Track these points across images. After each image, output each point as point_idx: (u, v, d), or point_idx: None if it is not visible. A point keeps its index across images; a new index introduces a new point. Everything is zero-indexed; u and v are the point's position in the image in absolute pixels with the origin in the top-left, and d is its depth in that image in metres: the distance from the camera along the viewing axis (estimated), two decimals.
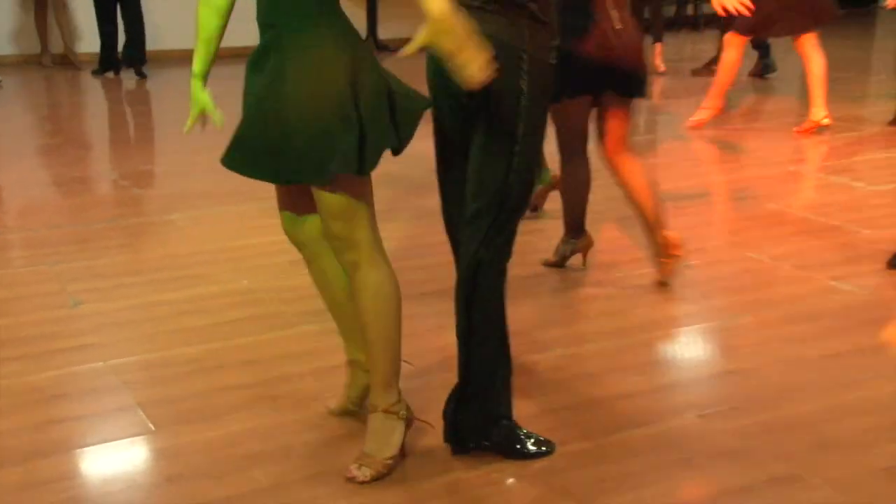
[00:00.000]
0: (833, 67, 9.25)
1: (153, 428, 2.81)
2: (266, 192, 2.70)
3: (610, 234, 4.45)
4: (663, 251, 3.84)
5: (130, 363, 3.24)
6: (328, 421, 2.82)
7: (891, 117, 6.50)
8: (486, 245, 2.48)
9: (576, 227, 3.98)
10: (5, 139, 6.81)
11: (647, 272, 3.99)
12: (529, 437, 2.63)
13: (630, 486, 2.50)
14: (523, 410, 2.72)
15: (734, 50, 6.45)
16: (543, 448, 2.63)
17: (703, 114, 6.61)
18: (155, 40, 9.55)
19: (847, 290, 3.78)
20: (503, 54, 2.35)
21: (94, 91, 8.93)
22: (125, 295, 3.82)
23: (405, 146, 2.44)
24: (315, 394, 2.98)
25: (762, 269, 4.03)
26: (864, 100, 7.74)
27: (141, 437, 2.77)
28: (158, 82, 9.04)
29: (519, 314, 2.97)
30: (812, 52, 6.47)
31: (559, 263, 4.02)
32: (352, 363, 2.76)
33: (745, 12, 5.69)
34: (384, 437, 2.53)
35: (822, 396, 2.96)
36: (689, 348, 3.42)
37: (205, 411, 2.89)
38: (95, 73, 9.12)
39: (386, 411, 2.52)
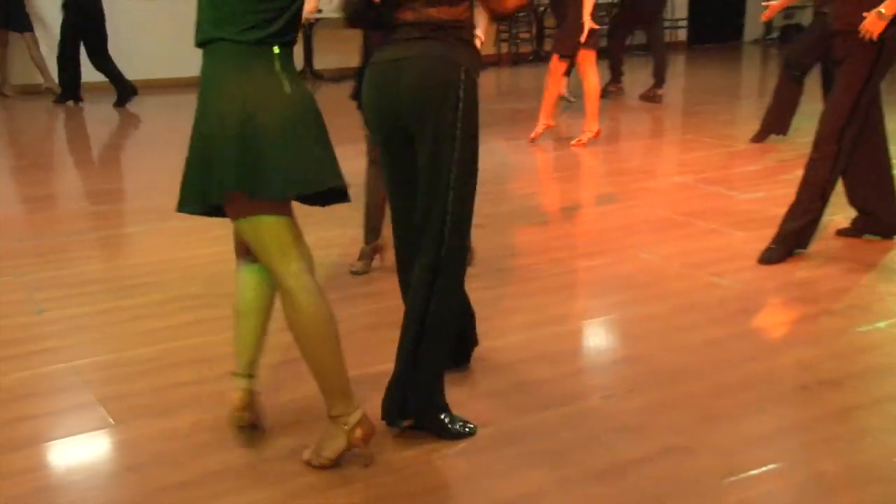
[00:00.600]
0: (707, 93, 9.50)
1: (113, 422, 2.73)
2: None
3: (525, 238, 4.46)
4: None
5: (91, 364, 3.14)
6: (272, 412, 2.75)
7: (752, 135, 6.66)
8: (442, 247, 2.50)
9: (372, 231, 3.93)
10: None
11: (557, 272, 4.01)
12: (455, 421, 2.62)
13: (546, 461, 2.49)
14: (452, 397, 2.69)
15: (593, 75, 6.60)
16: (467, 429, 2.61)
17: (584, 136, 6.69)
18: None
19: (725, 284, 3.84)
20: (446, 68, 2.46)
21: (55, 118, 8.64)
22: (86, 302, 3.70)
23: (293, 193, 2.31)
24: (259, 389, 2.91)
25: (654, 268, 4.07)
26: (734, 121, 7.91)
27: (102, 431, 2.69)
28: (118, 110, 8.78)
29: None
30: (588, 70, 6.57)
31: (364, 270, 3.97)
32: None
33: None
34: (325, 441, 2.44)
35: (706, 376, 3.00)
36: (593, 338, 3.43)
37: (160, 406, 2.82)
38: (57, 102, 8.82)
39: (332, 418, 2.42)
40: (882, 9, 3.70)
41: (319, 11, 8.39)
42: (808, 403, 2.82)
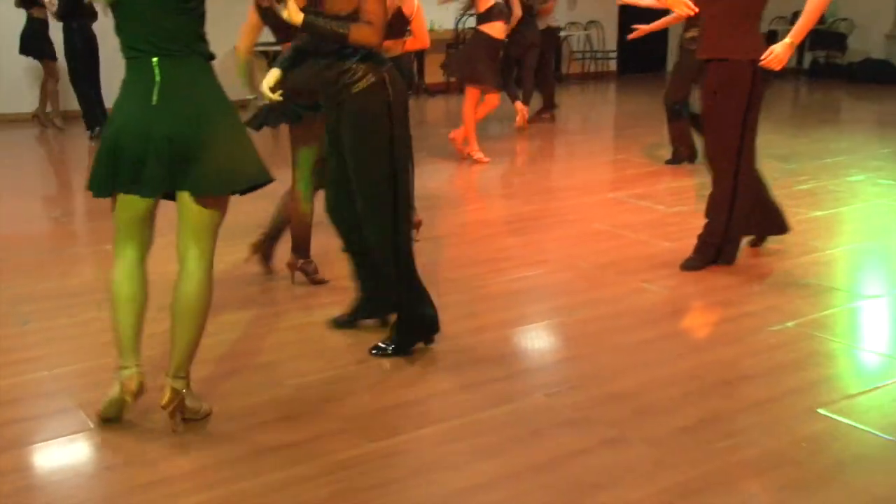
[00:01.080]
0: (636, 117, 9.62)
1: (92, 425, 2.66)
2: None
3: (470, 250, 4.46)
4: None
5: (71, 371, 3.07)
6: (240, 414, 2.72)
7: (668, 157, 6.76)
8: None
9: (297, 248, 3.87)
10: None
11: (502, 281, 4.02)
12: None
13: (495, 455, 2.49)
14: (407, 396, 2.68)
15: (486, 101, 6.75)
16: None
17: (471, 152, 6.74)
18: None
19: (654, 290, 3.88)
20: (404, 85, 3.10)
21: (38, 145, 8.42)
22: (67, 314, 3.61)
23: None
24: (228, 391, 2.87)
25: (591, 276, 4.10)
26: (660, 143, 8.00)
27: (82, 434, 2.63)
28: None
29: None
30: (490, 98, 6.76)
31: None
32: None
33: None
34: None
35: (639, 373, 3.02)
36: (537, 341, 3.44)
37: (135, 410, 2.73)
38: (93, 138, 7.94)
39: None
40: (790, 38, 3.74)
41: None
42: (729, 397, 2.85)
